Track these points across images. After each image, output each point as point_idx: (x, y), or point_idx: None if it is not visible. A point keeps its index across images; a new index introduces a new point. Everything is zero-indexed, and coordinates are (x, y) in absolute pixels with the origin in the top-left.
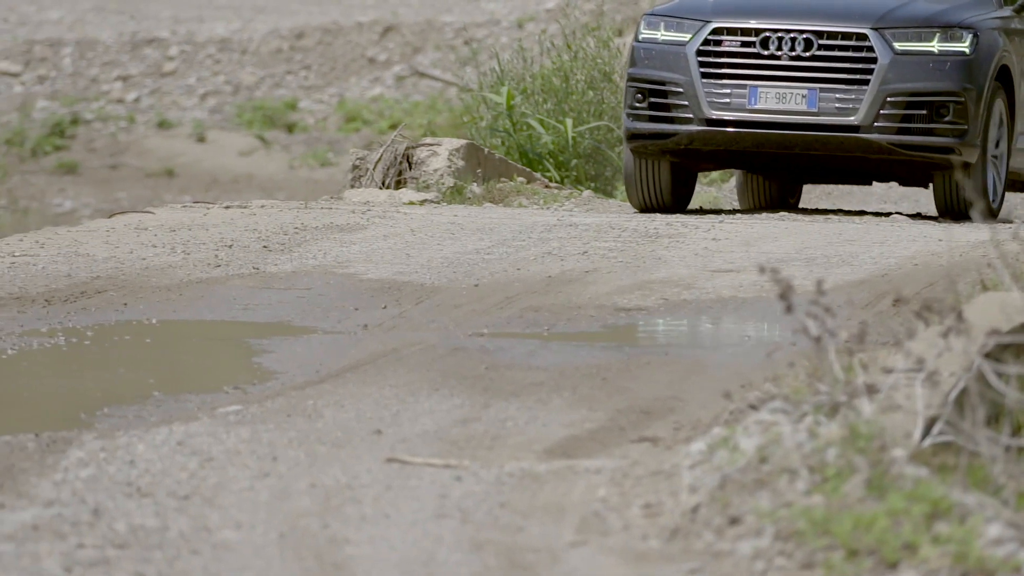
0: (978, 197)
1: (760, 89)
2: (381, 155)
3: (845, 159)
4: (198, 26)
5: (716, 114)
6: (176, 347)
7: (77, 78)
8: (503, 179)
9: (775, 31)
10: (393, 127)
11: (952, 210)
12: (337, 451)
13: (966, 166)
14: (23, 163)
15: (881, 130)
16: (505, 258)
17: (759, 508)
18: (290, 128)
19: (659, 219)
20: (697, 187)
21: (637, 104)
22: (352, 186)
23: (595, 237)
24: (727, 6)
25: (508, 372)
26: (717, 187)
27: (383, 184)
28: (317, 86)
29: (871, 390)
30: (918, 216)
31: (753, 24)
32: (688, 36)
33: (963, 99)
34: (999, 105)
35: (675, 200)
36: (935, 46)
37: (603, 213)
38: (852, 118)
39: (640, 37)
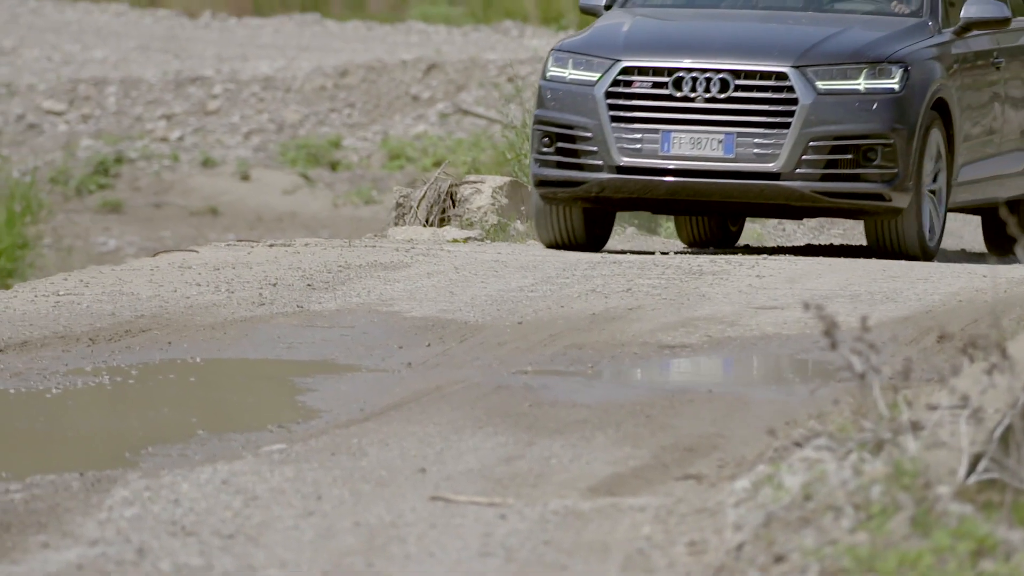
0: (913, 238)
1: (673, 134)
2: (425, 193)
3: (767, 206)
4: (242, 64)
5: (627, 161)
6: (220, 385)
7: (121, 117)
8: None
9: (689, 71)
10: (437, 164)
11: (884, 249)
12: (381, 489)
13: (898, 211)
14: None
15: (803, 177)
16: (549, 295)
17: (804, 546)
18: (334, 166)
19: (702, 256)
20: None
21: (544, 149)
22: (396, 224)
23: (639, 274)
24: (639, 43)
25: (552, 410)
26: (761, 223)
27: (427, 222)
28: (361, 124)
29: (916, 427)
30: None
31: (665, 63)
32: (597, 76)
33: (892, 141)
34: (936, 137)
35: (589, 240)
36: (861, 84)
37: (647, 250)
38: (772, 165)
39: (548, 75)
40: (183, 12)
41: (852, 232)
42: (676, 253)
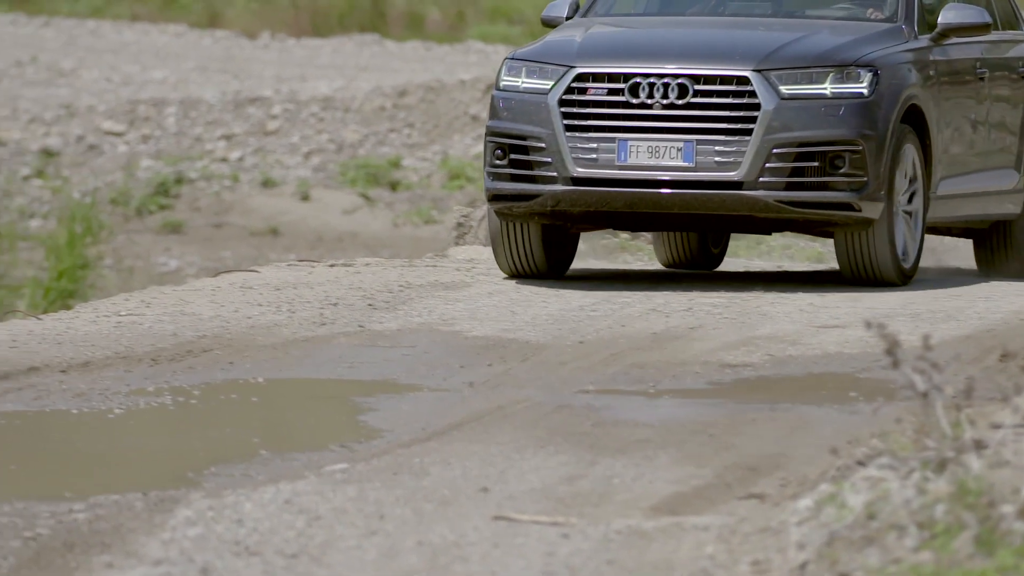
0: (887, 259)
1: (630, 143)
2: (485, 212)
3: (731, 218)
4: (301, 85)
5: (582, 172)
6: (282, 405)
7: (181, 137)
8: (607, 235)
9: (645, 76)
10: None
11: (858, 274)
12: (444, 509)
13: (868, 223)
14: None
15: (767, 186)
16: (610, 315)
17: (867, 565)
18: (394, 186)
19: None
20: (801, 242)
21: (497, 161)
22: (456, 243)
23: (700, 293)
24: (594, 49)
25: (614, 429)
26: (821, 242)
27: (487, 241)
28: (420, 144)
29: (979, 446)
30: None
31: (621, 69)
32: (550, 83)
33: (861, 148)
34: (909, 151)
35: (551, 265)
36: (828, 88)
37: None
38: (733, 173)
39: (501, 85)
40: (242, 33)
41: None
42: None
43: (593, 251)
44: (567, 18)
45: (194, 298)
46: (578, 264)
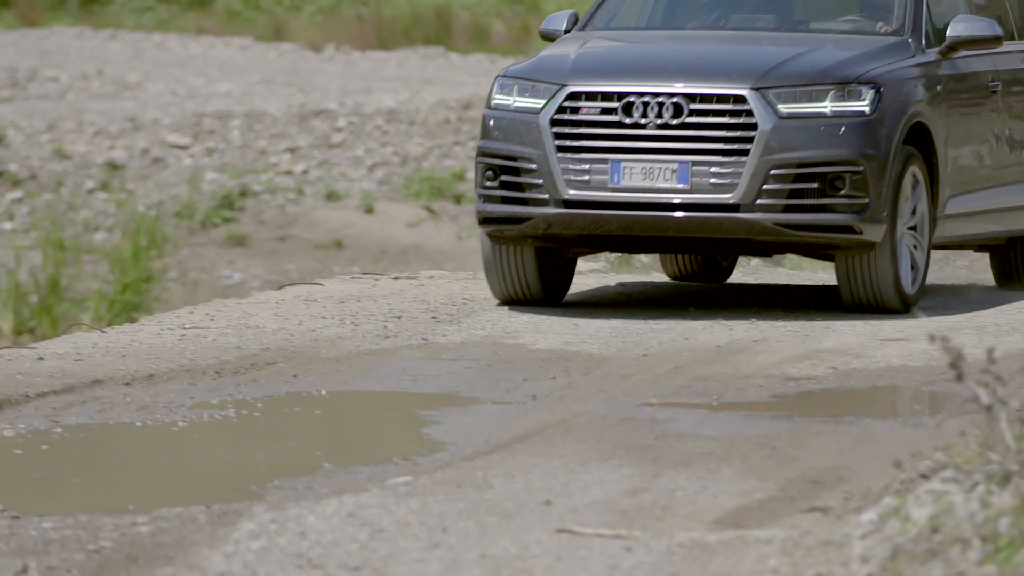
0: (889, 283)
1: (624, 164)
2: None
3: (729, 240)
4: (366, 97)
5: (574, 194)
6: (346, 418)
7: (246, 150)
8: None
9: (639, 95)
10: None
11: (858, 298)
12: (507, 522)
13: (870, 246)
14: (192, 235)
15: (765, 208)
16: (673, 327)
17: None
18: (458, 199)
19: (829, 286)
20: None
21: (488, 183)
22: None
23: (764, 306)
24: (587, 66)
25: (677, 442)
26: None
27: None
28: None
29: None
30: None
31: (614, 88)
32: (542, 103)
33: (862, 168)
34: (915, 167)
35: (546, 291)
36: (828, 106)
37: (773, 281)
38: (730, 195)
39: (492, 103)
40: (307, 46)
41: (978, 264)
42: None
43: (657, 261)
44: (566, 31)
45: (258, 311)
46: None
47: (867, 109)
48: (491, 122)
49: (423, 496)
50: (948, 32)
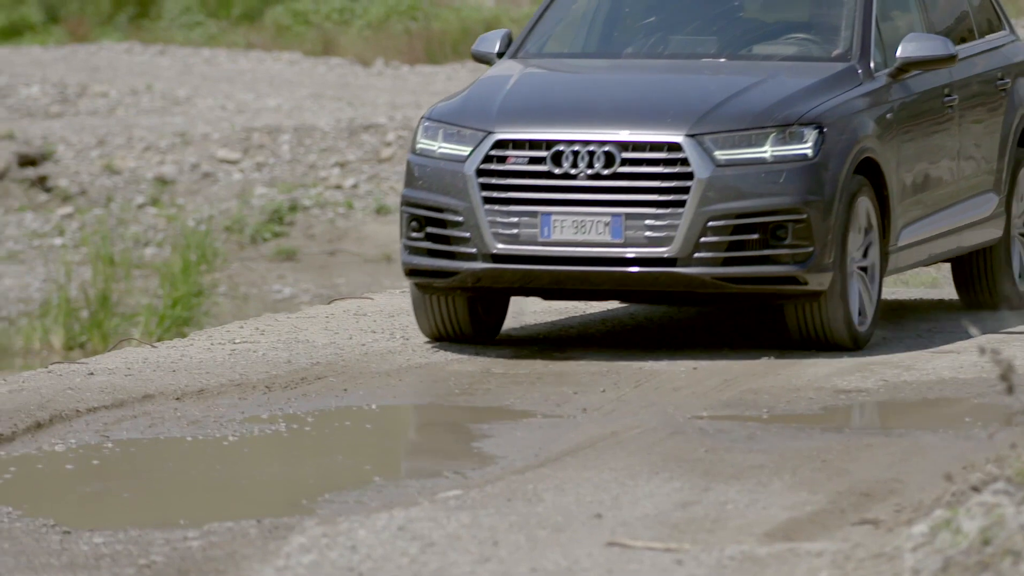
0: (840, 324)
1: (554, 216)
2: None
3: (668, 292)
4: (415, 112)
5: (503, 248)
6: (396, 432)
7: (295, 165)
8: None
9: (569, 143)
10: None
11: (808, 339)
12: (557, 535)
13: (816, 295)
14: (242, 250)
15: (703, 262)
16: (723, 340)
17: None
18: None
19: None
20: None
21: (413, 234)
22: None
23: None
24: (514, 110)
25: (728, 455)
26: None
27: None
28: None
29: None
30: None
31: (542, 135)
32: (468, 150)
33: (805, 215)
34: (864, 204)
35: (477, 329)
36: (768, 151)
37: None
38: (666, 249)
39: (417, 148)
40: (356, 60)
41: None
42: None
43: None
44: (499, 54)
45: (308, 325)
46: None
47: (809, 152)
48: (415, 169)
49: (474, 509)
50: (898, 53)
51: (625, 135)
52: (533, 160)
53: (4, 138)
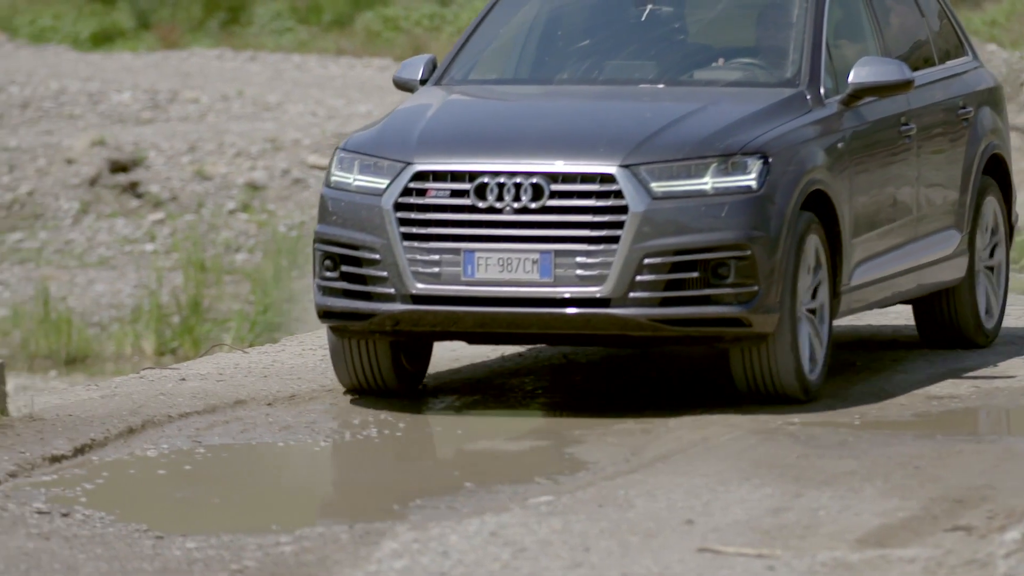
0: (790, 372)
1: (478, 254)
2: None
3: (602, 335)
4: None
5: (423, 288)
6: (487, 438)
7: None
8: None
9: (494, 175)
10: None
11: (754, 388)
12: (649, 541)
13: (762, 337)
14: None
15: (639, 303)
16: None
17: None
18: None
19: None
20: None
21: (327, 273)
22: None
23: (906, 326)
24: (435, 139)
25: (819, 461)
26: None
27: None
28: None
29: None
30: None
31: (465, 166)
32: (385, 183)
33: (749, 252)
34: (813, 243)
35: (400, 379)
36: (708, 183)
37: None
38: (598, 289)
39: (331, 181)
40: None
41: None
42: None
43: None
44: (422, 81)
45: None
46: None
47: (754, 184)
48: (329, 203)
49: (565, 515)
50: (850, 78)
51: (554, 166)
52: (455, 193)
53: (96, 144)
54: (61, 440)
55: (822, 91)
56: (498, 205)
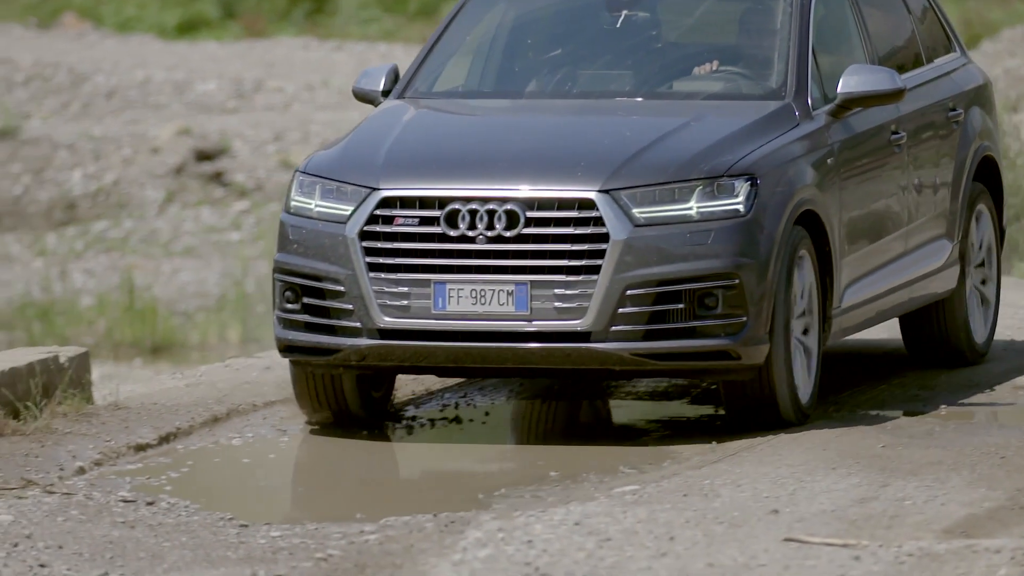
0: (786, 399)
1: (449, 286)
2: None
3: (582, 369)
4: None
5: (391, 322)
6: (572, 426)
7: None
8: None
9: (466, 201)
10: None
11: (744, 416)
12: (734, 531)
13: (751, 370)
14: None
15: (621, 336)
16: (896, 335)
17: None
18: None
19: None
20: None
21: (288, 305)
22: None
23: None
24: (402, 161)
25: (906, 451)
26: None
27: None
28: None
29: None
30: None
31: (435, 192)
32: (349, 209)
33: (738, 280)
34: (805, 265)
35: (366, 407)
36: (694, 207)
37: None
38: (578, 322)
39: (291, 206)
40: None
41: None
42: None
43: None
44: (384, 92)
45: None
46: None
47: (741, 207)
48: (289, 231)
49: (650, 505)
50: (839, 88)
51: (530, 191)
52: (424, 221)
53: (181, 133)
54: (146, 429)
55: (809, 102)
56: (470, 234)
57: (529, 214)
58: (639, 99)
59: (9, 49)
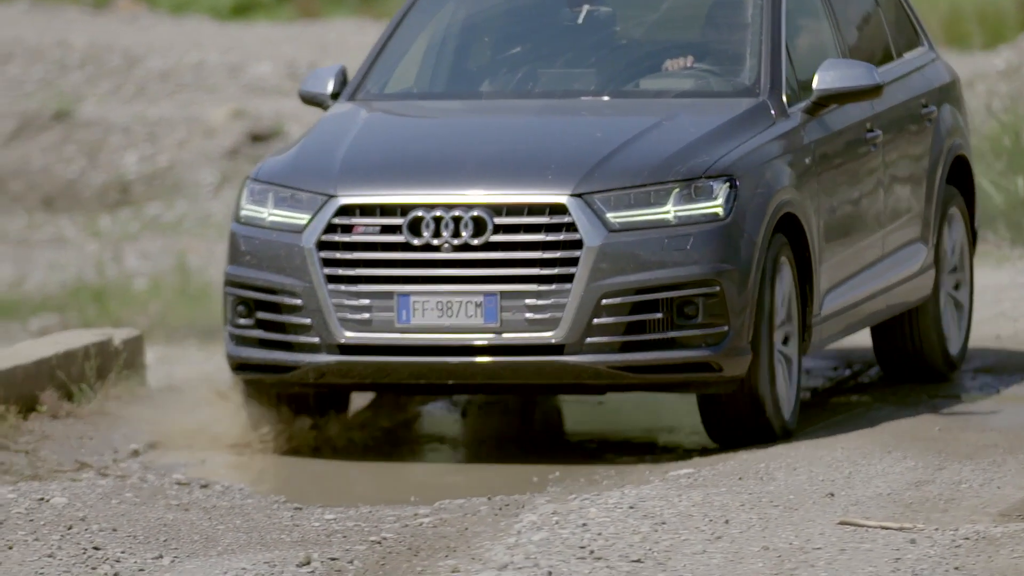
0: (771, 411)
1: (413, 298)
2: None
3: (555, 385)
4: None
5: (352, 337)
6: (627, 410)
7: None
8: None
9: (430, 207)
10: None
11: (725, 434)
12: (789, 514)
13: (733, 382)
14: None
15: (596, 348)
16: None
17: None
18: None
19: None
20: None
21: (241, 320)
22: None
23: None
24: (361, 166)
25: (962, 434)
26: None
27: None
28: None
29: None
30: None
31: (397, 198)
32: (305, 218)
33: (718, 287)
34: (784, 272)
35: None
36: (671, 211)
37: None
38: (551, 334)
39: (241, 216)
40: None
41: None
42: None
43: None
44: (333, 95)
45: None
46: None
47: (721, 210)
48: (241, 242)
49: (705, 488)
50: (815, 84)
51: (498, 196)
52: (386, 229)
53: (235, 116)
54: (200, 411)
55: (784, 99)
56: (435, 242)
57: (497, 220)
58: (606, 98)
59: (64, 32)
